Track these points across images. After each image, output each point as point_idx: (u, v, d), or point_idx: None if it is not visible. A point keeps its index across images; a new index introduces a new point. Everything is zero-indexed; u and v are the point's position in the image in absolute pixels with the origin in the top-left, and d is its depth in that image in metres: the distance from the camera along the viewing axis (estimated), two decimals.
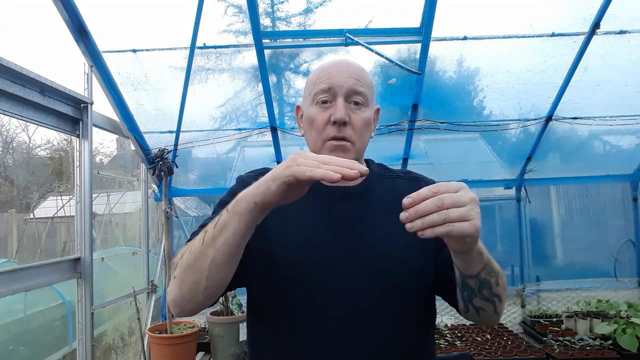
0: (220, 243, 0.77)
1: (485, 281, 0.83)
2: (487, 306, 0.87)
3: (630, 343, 2.38)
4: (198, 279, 0.79)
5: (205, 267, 0.78)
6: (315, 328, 0.91)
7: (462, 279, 0.84)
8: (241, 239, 0.78)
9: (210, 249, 0.78)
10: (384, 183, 1.04)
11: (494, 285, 0.84)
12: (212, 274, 0.79)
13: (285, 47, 2.54)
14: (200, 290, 0.81)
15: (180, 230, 3.31)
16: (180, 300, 0.83)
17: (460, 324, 3.03)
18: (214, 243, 0.77)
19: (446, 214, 0.67)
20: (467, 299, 0.87)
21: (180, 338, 2.50)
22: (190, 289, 0.81)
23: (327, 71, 0.98)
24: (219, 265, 0.78)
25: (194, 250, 0.80)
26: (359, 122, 0.96)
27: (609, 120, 2.89)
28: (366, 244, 0.95)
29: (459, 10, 2.34)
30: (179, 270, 0.83)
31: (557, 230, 3.38)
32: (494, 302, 0.87)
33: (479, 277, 0.82)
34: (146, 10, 2.25)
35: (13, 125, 9.81)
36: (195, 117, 2.84)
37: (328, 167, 0.69)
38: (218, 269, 0.79)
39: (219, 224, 0.78)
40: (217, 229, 0.77)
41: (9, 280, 1.78)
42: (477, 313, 0.89)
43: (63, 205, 6.24)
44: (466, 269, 0.81)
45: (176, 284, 0.83)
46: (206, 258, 0.78)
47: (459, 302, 0.91)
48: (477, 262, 0.79)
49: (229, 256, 0.78)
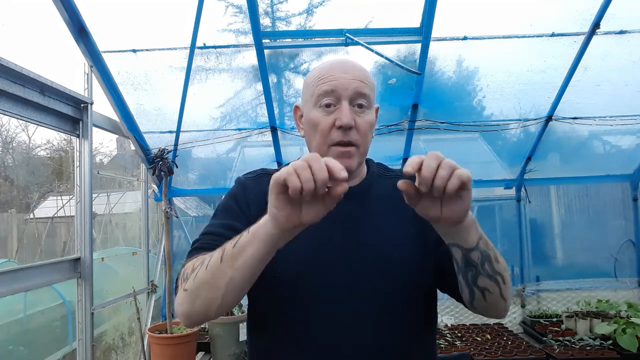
0: (239, 264, 0.76)
1: (486, 253, 0.81)
2: (492, 286, 0.84)
3: (630, 343, 2.38)
4: (213, 296, 0.79)
5: (222, 285, 0.77)
6: (316, 329, 0.91)
7: (464, 257, 0.81)
8: (261, 262, 0.76)
9: (228, 269, 0.76)
10: (384, 183, 1.04)
11: (494, 260, 0.83)
12: (228, 293, 0.78)
13: (285, 47, 2.54)
14: (214, 307, 0.80)
15: (180, 230, 3.31)
16: (192, 315, 0.83)
17: (460, 324, 3.04)
18: (233, 264, 0.76)
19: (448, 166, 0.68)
20: (472, 280, 0.84)
21: (180, 338, 2.50)
22: (204, 305, 0.80)
23: (329, 72, 0.95)
24: (237, 285, 0.78)
25: (211, 268, 0.79)
26: (364, 126, 0.94)
27: (609, 120, 2.89)
28: (366, 245, 0.95)
29: (459, 10, 2.34)
30: (192, 284, 0.81)
31: (557, 230, 3.37)
32: (498, 282, 0.84)
33: (480, 248, 0.80)
34: (146, 10, 2.25)
35: (13, 125, 9.82)
36: (195, 117, 2.84)
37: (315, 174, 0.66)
38: (235, 288, 0.78)
39: (238, 244, 0.76)
40: (237, 250, 0.76)
41: (9, 280, 1.78)
42: (483, 297, 0.85)
43: (63, 205, 6.24)
44: (465, 240, 0.79)
45: (189, 298, 0.82)
46: (224, 277, 0.77)
47: (463, 291, 0.88)
48: (474, 230, 0.78)
49: (247, 277, 0.77)
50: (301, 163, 0.66)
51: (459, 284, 0.88)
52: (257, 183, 1.02)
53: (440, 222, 0.75)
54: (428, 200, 0.73)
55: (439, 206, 0.73)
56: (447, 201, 0.72)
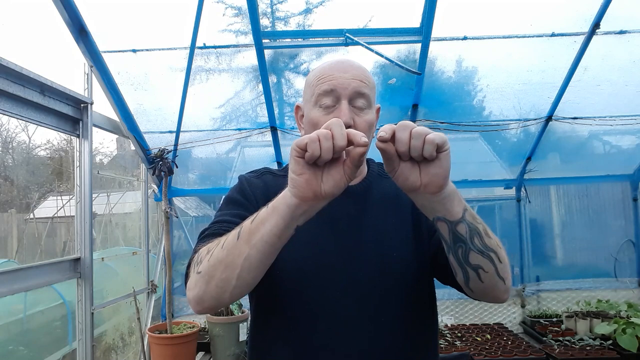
0: (257, 240, 0.73)
1: (473, 226, 0.77)
2: (486, 263, 0.79)
3: (630, 343, 2.38)
4: (228, 276, 0.76)
5: (238, 264, 0.75)
6: (316, 328, 0.92)
7: (451, 232, 0.77)
8: (279, 239, 0.74)
9: (245, 246, 0.74)
10: (384, 183, 1.04)
11: (484, 234, 0.78)
12: (243, 272, 0.75)
13: (285, 47, 2.54)
14: (229, 289, 0.77)
15: (180, 230, 3.31)
16: (205, 297, 0.79)
17: (460, 324, 3.04)
18: (250, 239, 0.74)
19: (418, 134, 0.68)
20: (463, 258, 0.79)
21: (180, 338, 2.50)
22: (218, 286, 0.77)
23: (329, 72, 0.95)
24: (252, 264, 0.75)
25: (227, 245, 0.77)
26: (364, 126, 0.94)
27: (609, 120, 2.89)
28: (366, 244, 0.95)
29: (459, 10, 2.34)
30: (206, 265, 0.78)
31: (557, 230, 3.37)
32: (492, 259, 0.79)
33: (465, 219, 0.76)
34: (146, 10, 2.25)
35: (13, 125, 9.82)
36: (195, 117, 2.84)
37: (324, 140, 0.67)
38: (251, 267, 0.75)
39: (257, 219, 0.74)
40: (255, 225, 0.74)
41: (9, 280, 1.78)
42: (478, 276, 0.80)
43: (63, 205, 6.24)
44: (449, 211, 0.75)
45: (202, 280, 0.78)
46: (240, 255, 0.75)
47: (457, 273, 0.84)
48: (457, 199, 0.75)
49: (264, 256, 0.75)
50: (326, 132, 0.67)
51: (452, 266, 0.83)
52: (262, 180, 1.03)
53: (421, 191, 0.72)
54: (406, 167, 0.71)
55: (417, 172, 0.71)
56: (425, 166, 0.71)
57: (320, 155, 0.66)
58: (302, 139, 0.67)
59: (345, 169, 0.69)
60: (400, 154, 0.70)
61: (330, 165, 0.69)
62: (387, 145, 0.70)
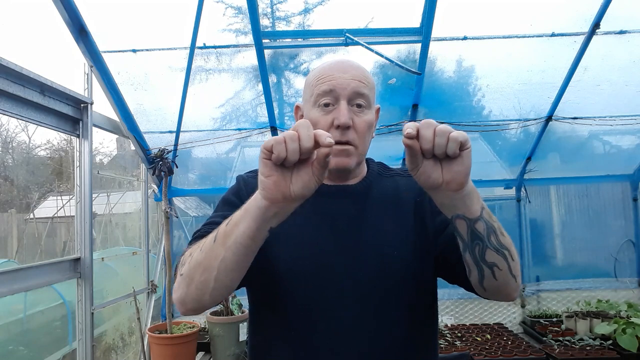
0: (231, 242, 0.74)
1: (490, 224, 0.79)
2: (501, 261, 0.81)
3: (630, 343, 2.38)
4: (206, 278, 0.77)
5: (214, 266, 0.76)
6: (315, 328, 0.92)
7: (469, 230, 0.79)
8: (253, 241, 0.74)
9: (221, 248, 0.75)
10: (384, 182, 1.04)
11: (499, 233, 0.81)
12: (220, 274, 0.77)
13: (285, 47, 2.54)
14: (208, 291, 0.79)
15: (180, 230, 3.31)
16: (187, 299, 0.81)
17: (460, 324, 3.04)
18: (224, 242, 0.75)
19: (442, 132, 0.69)
20: (480, 256, 0.81)
21: (180, 338, 2.50)
22: (198, 288, 0.79)
23: (328, 72, 0.95)
24: (228, 266, 0.76)
25: (204, 248, 0.78)
26: (362, 126, 0.94)
27: (609, 120, 2.89)
28: (366, 244, 0.95)
29: (459, 10, 2.34)
30: (187, 268, 0.81)
31: (557, 230, 3.37)
32: (506, 256, 0.81)
33: (483, 217, 0.78)
34: (146, 10, 2.25)
35: (13, 125, 9.82)
36: (195, 117, 2.84)
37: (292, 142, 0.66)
38: (227, 269, 0.76)
39: (231, 222, 0.75)
40: (229, 228, 0.75)
41: (9, 280, 1.78)
42: (493, 274, 0.82)
43: (63, 205, 6.24)
44: (469, 208, 0.77)
45: (184, 283, 0.81)
46: (216, 257, 0.76)
47: (471, 272, 0.85)
48: (476, 197, 0.77)
49: (239, 257, 0.75)
50: (292, 134, 0.66)
51: (466, 264, 0.85)
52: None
53: (443, 188, 0.73)
54: (428, 165, 0.72)
55: (439, 170, 0.72)
56: (447, 163, 0.72)
57: (286, 157, 0.66)
58: (268, 141, 0.67)
59: (314, 170, 0.69)
60: (424, 152, 0.70)
61: (299, 167, 0.69)
62: (413, 142, 0.70)
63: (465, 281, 0.91)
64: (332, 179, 1.01)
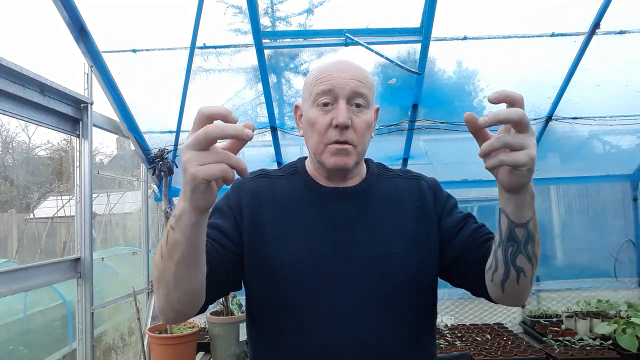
0: (177, 258, 0.75)
1: (532, 234, 0.80)
2: (528, 268, 0.83)
3: (630, 343, 2.38)
4: (168, 291, 0.79)
5: (170, 279, 0.77)
6: (315, 329, 0.91)
7: (509, 232, 0.80)
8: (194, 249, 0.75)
9: (169, 263, 0.76)
10: (383, 183, 1.04)
11: (537, 243, 0.81)
12: (178, 283, 0.78)
13: (285, 47, 2.54)
14: (174, 300, 0.80)
15: None
16: (162, 310, 0.83)
17: (460, 324, 3.03)
18: (171, 258, 0.75)
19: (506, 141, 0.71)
20: (511, 258, 0.82)
21: (180, 338, 2.50)
22: (165, 300, 0.81)
23: (327, 72, 0.95)
24: (182, 275, 0.77)
25: (156, 265, 0.80)
26: (361, 125, 0.94)
27: (609, 120, 2.89)
28: (365, 245, 0.95)
29: (459, 10, 2.34)
30: (154, 282, 0.83)
31: (557, 230, 3.37)
32: (533, 265, 0.83)
33: (528, 226, 0.79)
34: (146, 10, 2.25)
35: (13, 125, 9.83)
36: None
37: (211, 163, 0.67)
38: (183, 278, 0.77)
39: (169, 240, 0.75)
40: (170, 246, 0.75)
41: (9, 280, 1.78)
42: (517, 277, 0.84)
43: (63, 205, 6.24)
44: (517, 214, 0.78)
45: (155, 296, 0.83)
46: (168, 271, 0.77)
47: (497, 269, 0.85)
48: (529, 207, 0.78)
49: (188, 265, 0.76)
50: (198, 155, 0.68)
51: (494, 260, 0.85)
52: (254, 183, 1.03)
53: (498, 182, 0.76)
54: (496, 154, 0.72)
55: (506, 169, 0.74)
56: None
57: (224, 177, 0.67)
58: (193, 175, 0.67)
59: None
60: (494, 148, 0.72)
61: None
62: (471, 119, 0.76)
63: (476, 284, 0.93)
64: (330, 179, 1.01)
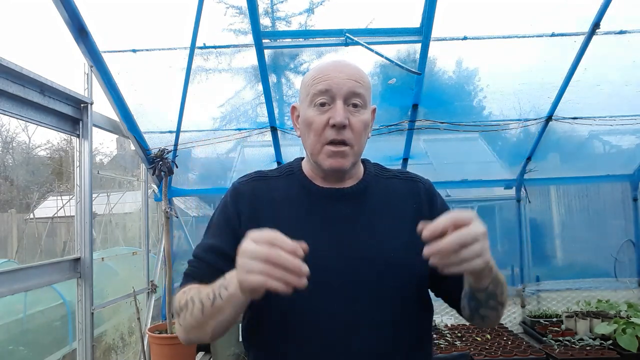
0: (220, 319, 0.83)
1: (492, 293, 0.87)
2: (492, 314, 0.92)
3: (630, 343, 2.38)
4: (203, 336, 0.88)
5: (208, 330, 0.85)
6: (312, 331, 0.91)
7: (470, 293, 0.89)
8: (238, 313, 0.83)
9: (210, 320, 0.84)
10: (381, 183, 1.04)
11: (499, 294, 0.89)
12: (216, 331, 0.86)
13: (285, 47, 2.54)
14: (207, 338, 0.89)
15: (180, 230, 3.31)
16: (189, 342, 0.93)
17: (460, 324, 3.03)
18: (213, 316, 0.83)
19: (463, 256, 0.72)
20: (474, 309, 0.92)
21: None
22: (197, 338, 0.91)
23: (324, 72, 0.95)
24: (223, 326, 0.86)
25: (195, 316, 0.85)
26: (358, 125, 0.94)
27: (609, 120, 2.89)
28: (362, 246, 0.95)
29: (459, 10, 2.34)
30: (183, 323, 0.89)
31: (557, 230, 3.38)
32: (498, 309, 0.92)
33: (487, 290, 0.86)
34: (146, 10, 2.25)
35: (13, 125, 9.83)
36: (195, 117, 2.84)
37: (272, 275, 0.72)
38: (222, 328, 0.86)
39: (215, 304, 0.81)
40: (215, 309, 0.82)
41: (9, 280, 1.78)
42: (482, 320, 0.94)
43: (63, 205, 6.24)
44: (476, 285, 0.85)
45: (184, 332, 0.90)
46: (208, 326, 0.85)
47: (464, 309, 0.96)
48: (487, 277, 0.83)
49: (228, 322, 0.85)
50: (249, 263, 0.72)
51: (462, 302, 0.95)
52: (250, 187, 1.02)
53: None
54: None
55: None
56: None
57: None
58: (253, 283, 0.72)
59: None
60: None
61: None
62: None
63: (450, 300, 1.03)
64: (327, 180, 1.01)
